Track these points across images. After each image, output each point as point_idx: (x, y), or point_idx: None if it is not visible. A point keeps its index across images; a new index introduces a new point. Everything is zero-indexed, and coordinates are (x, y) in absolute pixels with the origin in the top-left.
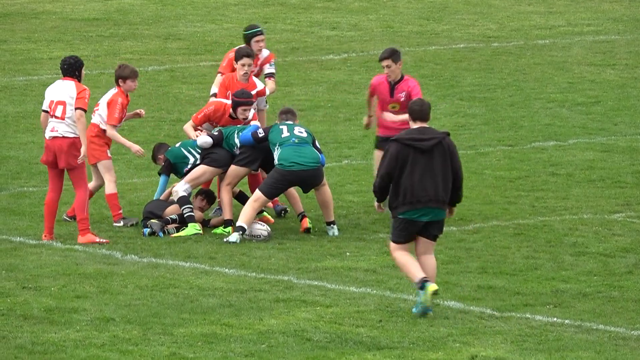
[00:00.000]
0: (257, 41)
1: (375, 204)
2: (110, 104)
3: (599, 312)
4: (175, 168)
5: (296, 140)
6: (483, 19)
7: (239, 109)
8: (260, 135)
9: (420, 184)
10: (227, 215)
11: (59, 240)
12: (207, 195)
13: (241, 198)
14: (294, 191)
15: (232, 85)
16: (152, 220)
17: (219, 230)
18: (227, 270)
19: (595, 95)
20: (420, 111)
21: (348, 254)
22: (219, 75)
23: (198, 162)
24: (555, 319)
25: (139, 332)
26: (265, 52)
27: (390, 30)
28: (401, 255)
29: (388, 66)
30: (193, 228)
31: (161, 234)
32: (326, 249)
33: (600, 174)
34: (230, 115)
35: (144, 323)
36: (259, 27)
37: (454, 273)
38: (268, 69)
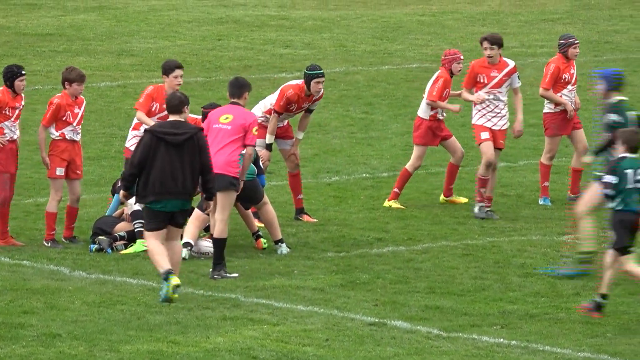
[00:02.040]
0: (317, 82)
1: (122, 193)
2: (48, 105)
3: (546, 334)
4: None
5: None
6: (436, 39)
7: None
8: None
9: (170, 177)
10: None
11: (6, 255)
12: None
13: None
14: (246, 211)
15: (159, 96)
16: (100, 237)
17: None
18: None
19: None
20: (176, 105)
21: (296, 272)
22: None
23: None
24: (502, 340)
25: (85, 348)
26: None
27: (343, 49)
28: (153, 244)
29: None
30: (141, 245)
31: (109, 251)
32: (274, 267)
33: (550, 196)
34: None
35: (91, 339)
36: (321, 70)
37: (402, 293)
38: (313, 105)
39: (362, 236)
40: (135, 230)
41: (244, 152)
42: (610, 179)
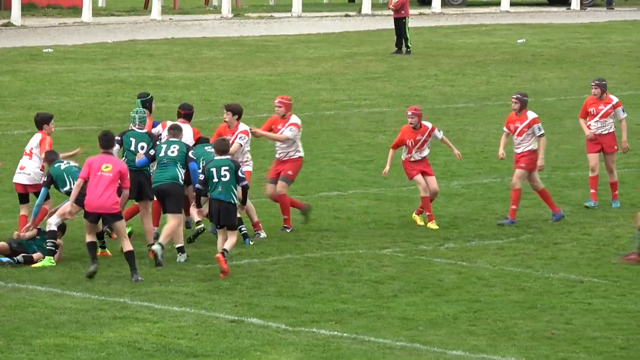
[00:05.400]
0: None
1: None
2: None
3: (371, 327)
4: (55, 183)
5: (165, 161)
6: (281, 94)
7: None
8: (152, 154)
9: None
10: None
11: None
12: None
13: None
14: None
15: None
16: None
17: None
18: (75, 293)
19: (369, 155)
20: None
21: (172, 280)
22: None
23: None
24: (336, 332)
25: (4, 342)
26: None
27: (207, 103)
28: None
29: None
30: (48, 261)
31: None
32: (154, 277)
33: (374, 218)
34: None
35: (8, 335)
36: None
37: (256, 296)
38: None
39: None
40: (47, 248)
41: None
42: (201, 177)
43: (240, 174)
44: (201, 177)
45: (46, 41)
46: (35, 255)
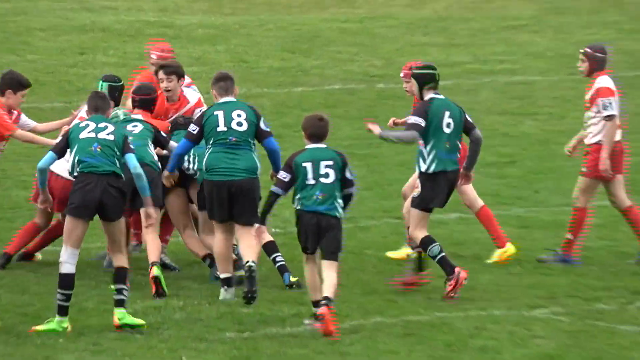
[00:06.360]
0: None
1: None
2: None
3: None
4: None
5: (232, 139)
6: (365, 52)
7: None
8: (195, 132)
9: None
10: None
11: None
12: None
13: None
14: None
15: None
16: None
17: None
18: None
19: (510, 154)
20: None
21: (184, 358)
22: None
23: None
24: None
25: None
26: None
27: (243, 66)
28: None
29: None
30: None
31: None
32: (156, 352)
33: (518, 256)
34: None
35: None
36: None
37: None
38: None
39: (272, 310)
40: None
41: None
42: (284, 176)
43: (349, 174)
44: (285, 176)
45: None
46: None
